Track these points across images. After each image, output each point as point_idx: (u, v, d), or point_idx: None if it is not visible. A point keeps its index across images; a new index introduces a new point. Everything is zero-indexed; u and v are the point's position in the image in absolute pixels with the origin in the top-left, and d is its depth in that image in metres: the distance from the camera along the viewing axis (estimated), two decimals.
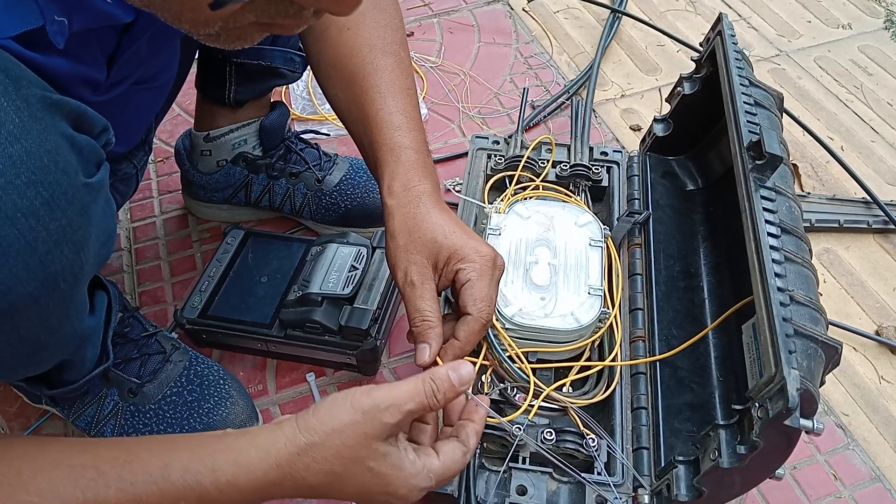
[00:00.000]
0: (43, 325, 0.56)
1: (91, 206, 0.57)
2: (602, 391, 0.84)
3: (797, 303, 0.66)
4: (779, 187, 0.76)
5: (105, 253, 0.63)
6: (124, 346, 0.89)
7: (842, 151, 1.32)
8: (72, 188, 0.53)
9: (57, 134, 0.53)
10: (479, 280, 0.69)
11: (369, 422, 0.57)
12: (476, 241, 0.71)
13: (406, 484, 0.59)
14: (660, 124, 1.07)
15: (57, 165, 0.51)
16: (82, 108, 0.58)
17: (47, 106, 0.53)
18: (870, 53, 1.54)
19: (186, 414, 0.88)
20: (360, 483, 0.58)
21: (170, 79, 0.83)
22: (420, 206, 0.71)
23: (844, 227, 1.19)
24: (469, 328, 0.69)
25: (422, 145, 0.76)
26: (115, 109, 0.69)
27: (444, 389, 0.60)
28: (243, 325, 0.97)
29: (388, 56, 0.79)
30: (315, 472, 0.57)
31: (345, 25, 0.80)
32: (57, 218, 0.51)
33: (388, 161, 0.74)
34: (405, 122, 0.76)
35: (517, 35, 1.58)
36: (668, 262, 0.97)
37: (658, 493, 0.75)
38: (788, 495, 0.90)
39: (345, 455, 0.57)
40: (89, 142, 0.59)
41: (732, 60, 0.87)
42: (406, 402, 0.59)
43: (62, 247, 0.52)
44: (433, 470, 0.61)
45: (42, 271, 0.51)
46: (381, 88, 0.77)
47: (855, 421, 0.97)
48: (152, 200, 1.25)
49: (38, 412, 0.96)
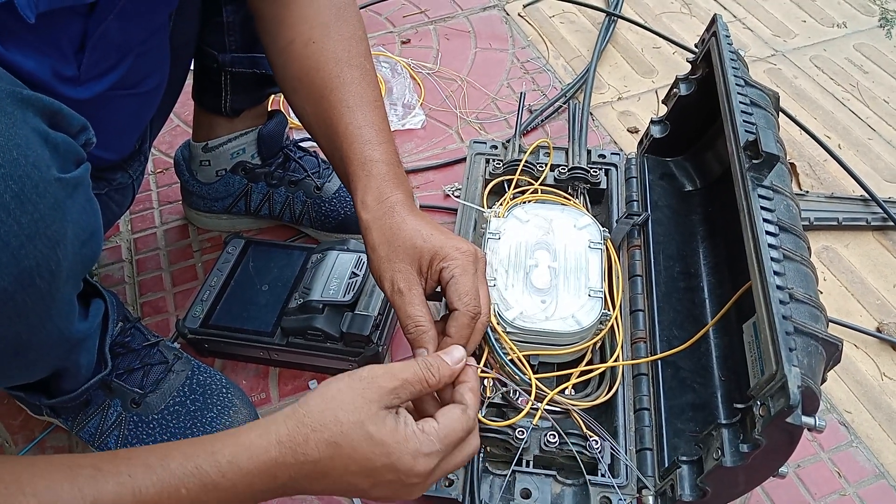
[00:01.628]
0: (22, 323, 0.55)
1: (66, 201, 0.56)
2: (604, 393, 0.84)
3: (797, 300, 0.66)
4: (776, 186, 0.76)
5: (89, 252, 0.63)
6: (126, 356, 0.89)
7: (839, 149, 1.32)
8: (43, 182, 0.52)
9: (28, 128, 0.52)
10: (462, 275, 0.69)
11: (367, 387, 0.58)
12: (455, 240, 0.72)
13: (408, 449, 0.58)
14: (657, 126, 1.08)
15: (27, 159, 0.51)
16: (57, 105, 0.57)
17: (17, 101, 0.52)
18: (865, 52, 1.54)
19: (190, 423, 0.88)
20: (363, 456, 0.57)
21: (158, 86, 0.83)
22: (395, 215, 0.72)
23: (843, 225, 1.19)
24: (459, 323, 0.69)
25: (392, 157, 0.76)
26: (100, 114, 0.69)
27: (438, 364, 0.63)
28: (245, 334, 0.97)
29: (355, 69, 0.79)
30: (315, 442, 0.56)
31: (309, 38, 0.80)
32: (28, 212, 0.51)
33: (359, 175, 0.74)
34: (375, 136, 0.76)
35: (513, 40, 1.59)
36: (667, 262, 0.97)
37: (662, 493, 0.75)
38: (792, 493, 0.90)
39: (343, 420, 0.57)
40: (65, 139, 0.58)
41: (728, 61, 0.88)
42: (402, 371, 0.61)
43: (35, 241, 0.52)
44: (433, 431, 0.59)
45: (15, 266, 0.51)
46: (349, 102, 0.77)
47: (858, 418, 0.97)
48: (152, 211, 1.25)
49: (42, 425, 0.96)
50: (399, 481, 0.58)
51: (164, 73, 0.84)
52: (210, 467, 0.55)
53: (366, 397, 0.58)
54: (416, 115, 1.38)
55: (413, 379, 0.61)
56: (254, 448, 0.56)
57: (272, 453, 0.56)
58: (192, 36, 0.93)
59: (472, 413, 0.63)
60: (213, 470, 0.55)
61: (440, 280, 0.71)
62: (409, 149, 1.34)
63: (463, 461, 0.63)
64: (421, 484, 0.60)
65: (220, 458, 0.55)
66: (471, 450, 0.64)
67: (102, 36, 0.67)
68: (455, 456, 0.62)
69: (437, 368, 0.63)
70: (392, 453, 0.57)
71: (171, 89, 0.92)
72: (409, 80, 1.46)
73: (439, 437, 0.59)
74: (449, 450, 0.61)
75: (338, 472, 0.57)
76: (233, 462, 0.55)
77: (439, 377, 0.63)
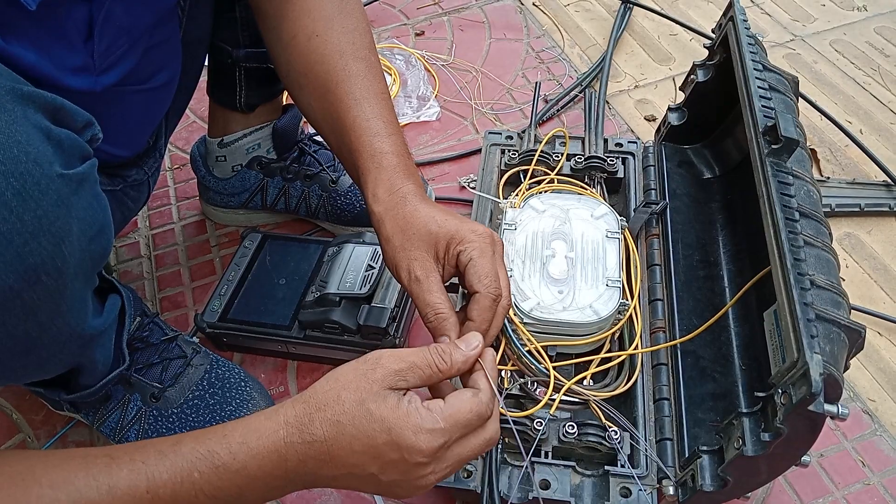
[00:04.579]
0: (31, 321, 0.56)
1: (71, 197, 0.56)
2: (623, 383, 0.84)
3: (818, 287, 0.65)
4: (796, 171, 0.75)
5: (97, 248, 0.63)
6: (145, 350, 0.89)
7: (861, 134, 1.30)
8: (45, 178, 0.52)
9: (29, 125, 0.52)
10: (480, 258, 0.68)
11: (371, 368, 0.58)
12: (471, 223, 0.71)
13: (408, 424, 0.56)
14: (674, 113, 1.07)
15: (28, 156, 0.51)
16: (59, 101, 0.57)
17: (18, 97, 0.52)
18: (886, 35, 1.51)
19: (209, 417, 0.89)
20: (364, 433, 0.56)
21: (169, 81, 0.83)
22: (407, 204, 0.71)
23: (866, 211, 1.17)
24: (480, 306, 0.67)
25: (402, 148, 0.75)
26: (110, 110, 0.69)
27: (451, 350, 0.62)
28: (263, 328, 0.98)
29: (360, 61, 0.79)
30: (320, 422, 0.56)
31: (313, 32, 0.79)
32: (31, 209, 0.51)
33: (369, 168, 0.74)
34: (383, 128, 0.75)
35: (528, 30, 1.58)
36: (686, 251, 0.96)
37: (683, 483, 0.75)
38: (815, 483, 0.89)
39: (345, 399, 0.57)
40: (69, 135, 0.58)
41: (745, 45, 0.86)
42: (410, 355, 0.60)
43: (39, 238, 0.52)
44: (437, 409, 0.58)
45: (20, 263, 0.51)
46: (355, 95, 0.77)
47: (882, 406, 0.96)
48: (170, 207, 1.26)
49: (64, 420, 0.97)
50: (403, 461, 0.57)
51: (176, 69, 0.84)
52: (221, 449, 0.56)
53: (369, 377, 0.57)
54: (431, 107, 1.38)
55: (422, 363, 0.59)
56: (262, 429, 0.57)
57: (280, 433, 0.56)
58: (206, 32, 0.93)
59: (484, 398, 0.60)
60: (224, 451, 0.55)
61: (458, 264, 0.69)
62: (424, 141, 1.33)
63: (478, 449, 0.61)
64: (429, 465, 0.58)
65: (230, 440, 0.56)
66: (487, 437, 0.61)
67: (108, 18, 0.67)
68: (468, 441, 0.60)
69: (450, 354, 0.61)
70: (392, 429, 0.56)
71: (186, 86, 0.92)
72: (424, 72, 1.45)
73: (444, 415, 0.57)
74: (456, 431, 0.58)
75: (344, 451, 0.56)
76: (243, 443, 0.56)
77: (451, 362, 0.61)
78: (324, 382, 0.59)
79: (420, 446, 0.56)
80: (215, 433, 0.57)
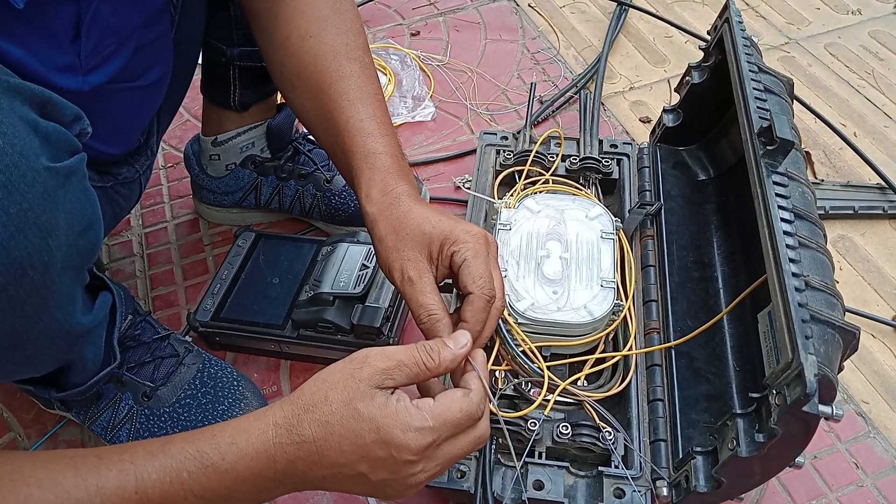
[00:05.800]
0: (17, 315, 0.55)
1: (58, 191, 0.56)
2: (617, 384, 0.84)
3: (813, 288, 0.65)
4: (791, 173, 0.75)
5: (86, 243, 0.62)
6: (137, 349, 0.89)
7: (855, 137, 1.31)
8: (31, 171, 0.52)
9: (14, 117, 0.52)
10: (474, 258, 0.67)
11: (357, 367, 0.58)
12: (465, 224, 0.70)
13: (397, 422, 0.56)
14: (669, 114, 1.07)
15: (14, 148, 0.50)
16: (47, 94, 0.57)
17: (4, 89, 0.52)
18: (881, 38, 1.52)
19: (201, 416, 0.88)
20: (352, 432, 0.56)
21: (160, 79, 0.83)
22: (400, 205, 0.70)
23: (860, 214, 1.17)
24: (474, 306, 0.67)
25: (395, 149, 0.75)
26: (101, 106, 0.68)
27: (438, 348, 0.61)
28: (256, 327, 0.97)
29: (353, 62, 0.78)
30: (308, 422, 0.56)
31: (306, 33, 0.79)
32: (17, 201, 0.50)
33: (363, 169, 0.73)
34: (377, 128, 0.75)
35: (523, 31, 1.58)
36: (681, 252, 0.96)
37: (677, 484, 0.75)
38: (809, 485, 0.89)
39: (332, 399, 0.56)
40: (57, 128, 0.58)
41: (741, 47, 0.86)
42: (397, 353, 0.59)
43: (25, 231, 0.52)
44: (426, 407, 0.57)
45: (6, 256, 0.50)
46: (349, 95, 0.76)
47: (875, 408, 0.96)
48: (163, 205, 1.25)
49: (55, 419, 0.96)
50: (392, 459, 0.56)
51: (168, 67, 0.84)
52: (210, 449, 0.55)
53: (356, 377, 0.57)
54: (426, 107, 1.38)
55: (409, 361, 0.59)
56: (252, 430, 0.56)
57: (269, 434, 0.56)
58: (199, 30, 0.93)
59: (475, 398, 0.60)
60: (214, 452, 0.55)
61: (451, 265, 0.69)
62: (419, 141, 1.33)
63: (468, 448, 0.60)
64: (418, 464, 0.57)
65: (220, 441, 0.56)
66: (477, 435, 0.61)
67: (95, 18, 0.67)
68: (458, 441, 0.59)
69: (438, 352, 0.60)
70: (381, 427, 0.56)
71: (179, 84, 0.92)
72: (419, 72, 1.45)
73: (433, 413, 0.57)
74: (445, 430, 0.58)
75: (333, 451, 0.56)
76: (232, 444, 0.56)
77: (439, 361, 0.60)
78: (311, 383, 0.59)
79: (408, 444, 0.56)
80: (204, 434, 0.57)
